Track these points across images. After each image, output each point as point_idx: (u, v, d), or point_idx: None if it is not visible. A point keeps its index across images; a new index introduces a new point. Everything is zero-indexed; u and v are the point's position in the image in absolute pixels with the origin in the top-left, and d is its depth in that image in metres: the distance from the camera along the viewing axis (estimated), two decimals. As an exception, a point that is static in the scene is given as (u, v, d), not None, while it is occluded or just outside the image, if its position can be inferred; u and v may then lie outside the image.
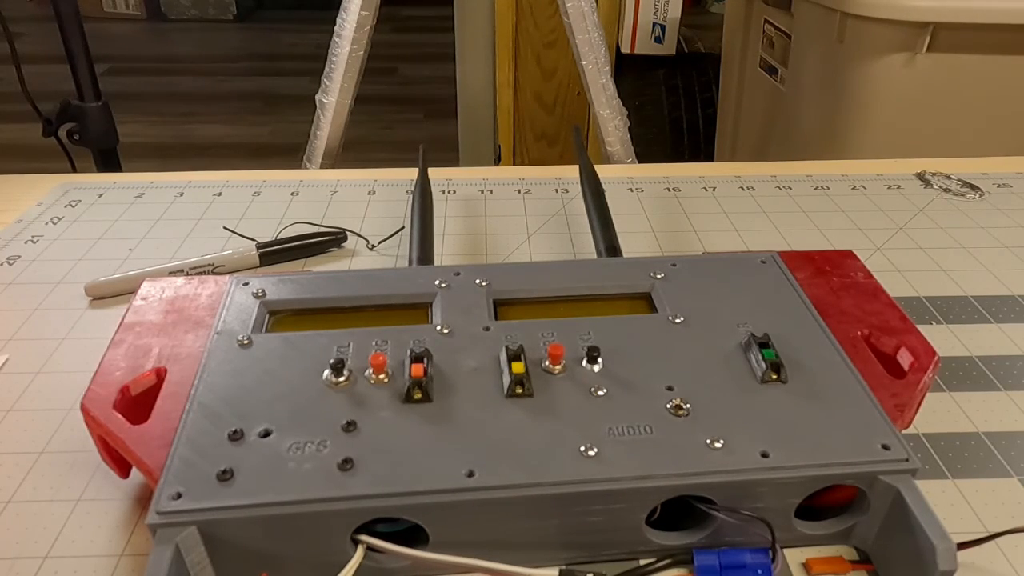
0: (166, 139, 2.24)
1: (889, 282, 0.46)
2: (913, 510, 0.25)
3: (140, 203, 0.56)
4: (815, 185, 0.58)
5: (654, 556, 0.27)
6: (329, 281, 0.36)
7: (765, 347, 0.31)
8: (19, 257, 0.49)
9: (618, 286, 0.36)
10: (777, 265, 0.37)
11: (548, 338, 0.32)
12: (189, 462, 0.26)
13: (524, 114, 1.50)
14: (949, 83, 0.92)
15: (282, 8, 3.50)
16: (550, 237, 0.51)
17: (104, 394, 0.29)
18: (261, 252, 0.48)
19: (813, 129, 1.06)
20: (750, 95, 1.30)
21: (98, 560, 0.28)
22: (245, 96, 2.57)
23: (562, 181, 0.59)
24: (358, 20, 0.80)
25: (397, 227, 0.52)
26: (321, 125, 0.84)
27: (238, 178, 0.59)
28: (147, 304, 0.35)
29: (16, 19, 1.05)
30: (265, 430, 0.27)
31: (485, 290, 0.35)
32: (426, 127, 2.34)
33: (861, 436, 0.27)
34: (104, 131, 0.95)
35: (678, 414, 0.28)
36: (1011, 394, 0.37)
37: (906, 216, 0.54)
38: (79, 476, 0.32)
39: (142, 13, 3.33)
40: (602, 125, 0.87)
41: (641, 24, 1.64)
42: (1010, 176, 0.60)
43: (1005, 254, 0.49)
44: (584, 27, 0.84)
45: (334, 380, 0.29)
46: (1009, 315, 0.43)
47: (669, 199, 0.56)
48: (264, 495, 0.25)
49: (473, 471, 0.26)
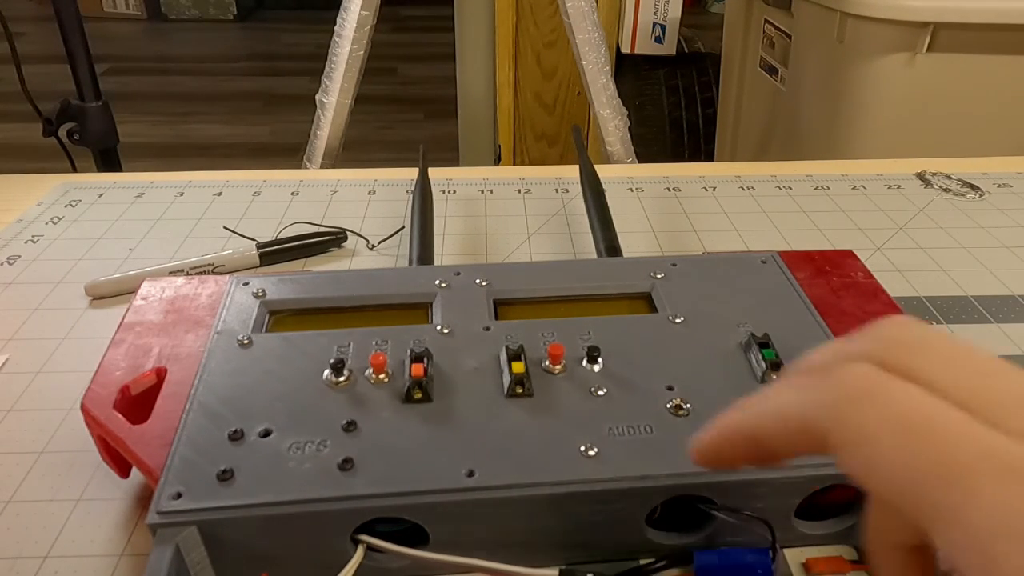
0: (166, 139, 2.24)
1: (889, 282, 0.45)
2: (913, 510, 0.25)
3: (140, 203, 0.56)
4: (815, 185, 0.58)
5: (654, 556, 0.27)
6: (329, 281, 0.36)
7: (765, 347, 0.30)
8: (19, 257, 0.49)
9: (618, 286, 0.36)
10: (777, 265, 0.37)
11: (548, 338, 0.32)
12: (189, 462, 0.26)
13: (524, 114, 1.50)
14: (949, 83, 0.92)
15: (282, 8, 3.50)
16: (550, 237, 0.51)
17: (104, 394, 0.29)
18: (261, 252, 0.48)
19: (813, 129, 1.06)
20: (750, 95, 1.30)
21: (98, 560, 0.28)
22: (245, 96, 2.57)
23: (562, 181, 0.59)
24: (358, 20, 0.80)
25: (397, 227, 0.52)
26: (321, 125, 0.84)
27: (238, 178, 0.59)
28: (147, 304, 0.35)
29: (16, 19, 1.05)
30: (265, 430, 0.27)
31: (485, 290, 0.35)
32: (426, 127, 2.34)
33: (861, 436, 0.27)
34: (104, 131, 0.95)
35: (678, 414, 0.28)
36: (1011, 394, 0.37)
37: (906, 216, 0.54)
38: (79, 476, 0.32)
39: (142, 13, 3.33)
40: (602, 125, 0.87)
41: (641, 24, 1.64)
42: (1010, 176, 0.60)
43: (1005, 254, 0.49)
44: (584, 27, 0.84)
45: (334, 380, 0.29)
46: (1009, 315, 0.43)
47: (669, 199, 0.56)
48: (264, 495, 0.25)
49: (473, 471, 0.26)
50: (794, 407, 0.18)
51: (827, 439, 0.17)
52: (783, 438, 0.19)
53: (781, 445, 0.19)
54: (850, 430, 0.17)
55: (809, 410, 0.18)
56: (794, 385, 0.19)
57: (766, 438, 0.19)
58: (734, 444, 0.20)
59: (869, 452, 0.17)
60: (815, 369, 0.19)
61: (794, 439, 0.19)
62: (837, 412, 0.17)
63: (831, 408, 0.17)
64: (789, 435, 0.19)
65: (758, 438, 0.19)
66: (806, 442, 0.18)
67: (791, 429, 0.19)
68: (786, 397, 0.19)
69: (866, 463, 0.17)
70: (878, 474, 0.16)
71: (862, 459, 0.17)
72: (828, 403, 0.18)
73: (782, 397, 0.19)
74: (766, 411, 0.19)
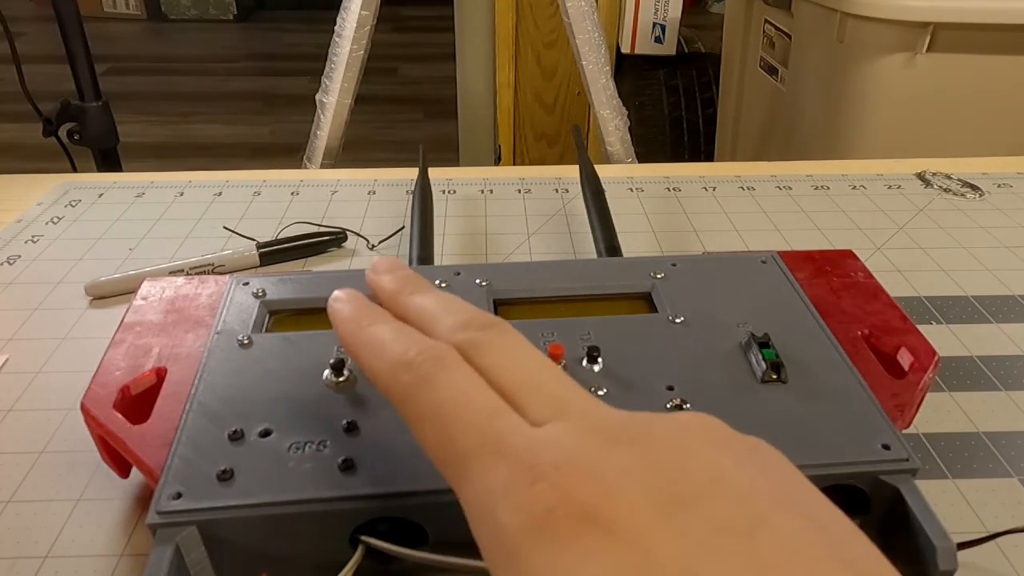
0: (166, 139, 2.24)
1: (889, 282, 0.46)
2: (913, 510, 0.25)
3: (140, 203, 0.56)
4: (815, 185, 0.58)
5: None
6: (329, 281, 0.36)
7: (765, 347, 0.30)
8: (19, 257, 0.49)
9: (618, 286, 0.36)
10: (777, 265, 0.37)
11: (548, 338, 0.32)
12: (189, 462, 0.26)
13: (524, 114, 1.50)
14: (949, 83, 0.92)
15: (282, 8, 3.50)
16: (550, 237, 0.51)
17: (104, 394, 0.29)
18: (261, 252, 0.48)
19: (813, 129, 1.06)
20: (750, 95, 1.30)
21: (98, 560, 0.28)
22: (245, 96, 2.57)
23: (562, 181, 0.59)
24: (358, 20, 0.80)
25: (397, 227, 0.52)
26: (321, 125, 0.84)
27: (238, 178, 0.59)
28: (147, 304, 0.35)
29: (16, 19, 1.05)
30: (265, 430, 0.27)
31: (485, 290, 0.35)
32: (426, 127, 2.34)
33: (861, 436, 0.27)
34: (104, 131, 0.95)
35: (678, 414, 0.28)
36: (1011, 394, 0.37)
37: (906, 216, 0.54)
38: (79, 476, 0.32)
39: (142, 13, 3.33)
40: (602, 125, 0.87)
41: (641, 24, 1.64)
42: (1010, 176, 0.60)
43: (1005, 254, 0.49)
44: (584, 27, 0.84)
45: (334, 380, 0.29)
46: (1009, 315, 0.43)
47: (669, 199, 0.57)
48: (264, 495, 0.25)
49: (473, 471, 0.26)
50: (389, 359, 0.21)
51: (400, 406, 0.21)
52: (374, 367, 0.22)
53: (368, 366, 0.22)
54: (409, 408, 0.20)
55: (398, 371, 0.21)
56: (401, 338, 0.22)
57: (361, 359, 0.22)
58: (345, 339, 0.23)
59: (418, 431, 0.20)
60: (425, 323, 0.23)
61: (377, 377, 0.22)
62: (410, 390, 0.20)
63: (409, 382, 0.20)
64: (376, 371, 0.22)
65: (357, 356, 0.23)
66: (383, 385, 0.21)
67: (379, 369, 0.22)
68: (392, 346, 0.22)
69: (419, 440, 0.20)
70: (427, 450, 0.20)
71: (417, 435, 0.20)
72: (408, 379, 0.20)
73: (389, 344, 0.22)
74: (372, 340, 0.22)
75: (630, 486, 0.17)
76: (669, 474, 0.18)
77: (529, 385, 0.20)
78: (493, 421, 0.19)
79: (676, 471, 0.18)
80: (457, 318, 0.22)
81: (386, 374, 0.21)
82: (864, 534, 0.18)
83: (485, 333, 0.22)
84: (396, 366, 0.21)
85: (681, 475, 0.18)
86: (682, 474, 0.18)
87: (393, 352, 0.21)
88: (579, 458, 0.18)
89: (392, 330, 0.22)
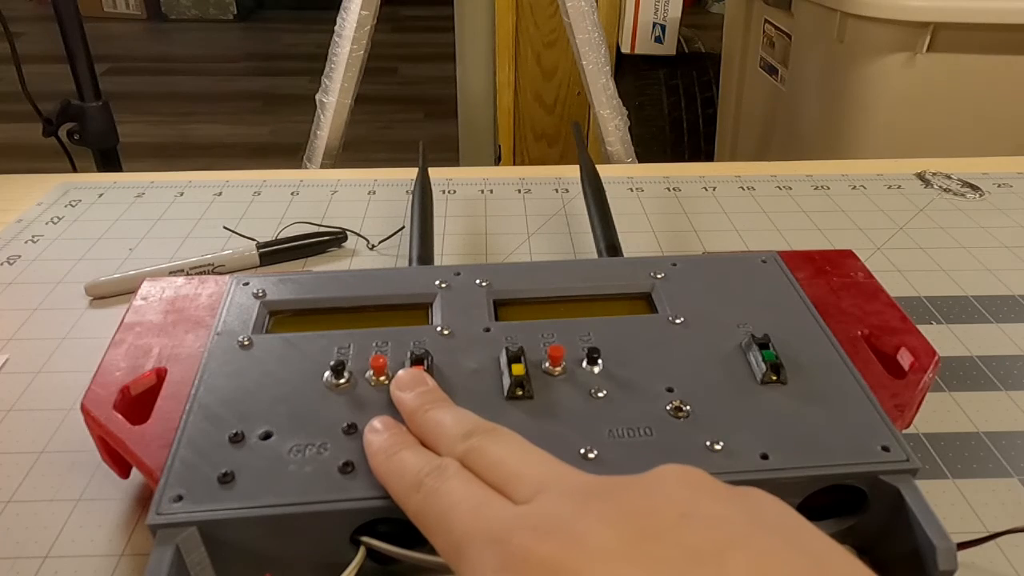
0: (166, 139, 2.24)
1: (889, 282, 0.46)
2: (913, 510, 0.25)
3: (140, 203, 0.56)
4: (815, 185, 0.58)
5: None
6: (329, 281, 0.36)
7: (765, 348, 0.30)
8: (19, 257, 0.49)
9: (618, 286, 0.36)
10: (777, 265, 0.37)
11: (548, 339, 0.32)
12: (190, 464, 0.26)
13: (524, 114, 1.50)
14: (949, 83, 0.92)
15: (282, 8, 3.49)
16: (550, 237, 0.51)
17: (104, 394, 0.29)
18: (261, 252, 0.48)
19: (813, 129, 1.06)
20: (750, 95, 1.30)
21: (98, 560, 0.28)
22: (245, 96, 2.57)
23: (562, 181, 0.59)
24: (358, 20, 0.80)
25: (397, 227, 0.52)
26: (321, 125, 0.84)
27: (238, 178, 0.59)
28: (147, 304, 0.35)
29: (16, 19, 1.05)
30: (266, 432, 0.27)
31: (485, 290, 0.35)
32: (426, 127, 2.34)
33: (861, 437, 0.27)
34: (104, 131, 0.95)
35: (678, 416, 0.28)
36: (1011, 394, 0.37)
37: (906, 216, 0.54)
38: (79, 476, 0.32)
39: (142, 13, 3.33)
40: (602, 125, 0.87)
41: (641, 24, 1.64)
42: (1010, 176, 0.60)
43: (1005, 254, 0.49)
44: (584, 27, 0.84)
45: (335, 382, 0.29)
46: (1009, 315, 0.43)
47: (669, 199, 0.56)
48: (265, 498, 0.25)
49: (473, 472, 0.26)
50: (406, 483, 0.24)
51: (415, 520, 0.23)
52: (395, 491, 0.24)
53: (392, 492, 0.24)
54: (422, 520, 0.23)
55: (411, 491, 0.23)
56: (415, 461, 0.24)
57: (388, 486, 0.25)
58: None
59: (431, 539, 0.22)
60: (439, 437, 0.25)
61: (398, 499, 0.24)
62: (420, 504, 0.23)
63: (419, 499, 0.23)
64: (397, 494, 0.24)
65: (385, 484, 0.25)
66: (403, 506, 0.24)
67: (398, 492, 0.24)
68: (407, 470, 0.24)
69: (435, 544, 0.22)
70: (440, 553, 0.22)
71: (432, 543, 0.22)
72: (418, 496, 0.23)
73: (406, 468, 0.24)
74: (395, 468, 0.25)
75: (602, 531, 0.19)
76: (640, 515, 0.19)
77: (514, 474, 0.22)
78: (480, 509, 0.21)
79: (647, 511, 0.20)
80: (463, 428, 0.25)
81: (403, 496, 0.24)
82: (864, 565, 0.19)
83: (482, 439, 0.24)
84: (410, 488, 0.23)
85: (651, 513, 0.19)
86: (652, 512, 0.19)
87: (408, 475, 0.24)
88: (554, 517, 0.20)
89: (410, 455, 0.25)
